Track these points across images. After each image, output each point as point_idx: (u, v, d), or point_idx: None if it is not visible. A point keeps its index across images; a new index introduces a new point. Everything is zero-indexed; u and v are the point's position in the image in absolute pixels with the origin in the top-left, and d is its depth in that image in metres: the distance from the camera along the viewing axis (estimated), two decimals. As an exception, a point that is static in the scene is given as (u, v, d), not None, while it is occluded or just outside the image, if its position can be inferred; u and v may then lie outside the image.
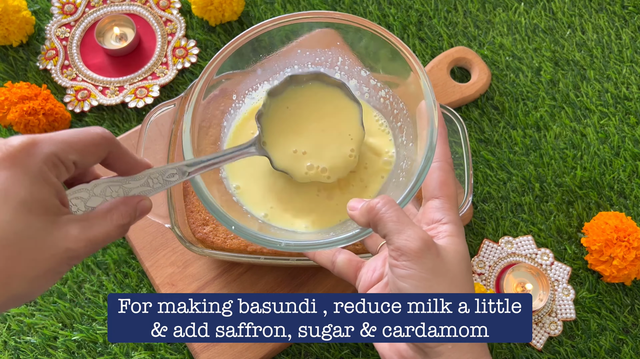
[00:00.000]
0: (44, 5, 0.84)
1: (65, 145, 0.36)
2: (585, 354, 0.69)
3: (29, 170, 0.34)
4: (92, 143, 0.38)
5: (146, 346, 0.68)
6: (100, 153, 0.39)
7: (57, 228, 0.35)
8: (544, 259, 0.72)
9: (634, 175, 0.77)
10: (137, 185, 0.42)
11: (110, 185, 0.40)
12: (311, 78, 0.51)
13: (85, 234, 0.37)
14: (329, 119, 0.51)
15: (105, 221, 0.38)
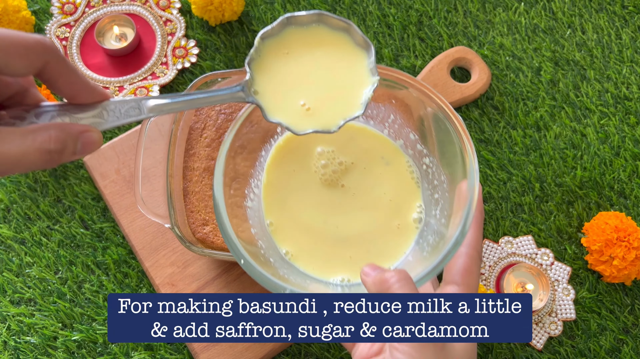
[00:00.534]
0: (43, 5, 0.84)
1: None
2: (586, 355, 0.69)
3: None
4: (23, 44, 0.32)
5: (146, 346, 0.68)
6: (32, 59, 0.32)
7: None
8: (544, 259, 0.72)
9: (634, 175, 0.77)
10: (89, 115, 0.35)
11: (57, 113, 0.34)
12: (313, 20, 0.44)
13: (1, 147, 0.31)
14: (334, 66, 0.45)
15: (25, 139, 0.31)
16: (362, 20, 0.84)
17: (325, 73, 0.45)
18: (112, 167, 0.73)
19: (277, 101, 0.44)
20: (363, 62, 0.45)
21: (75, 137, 0.33)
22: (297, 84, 0.44)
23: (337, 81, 0.45)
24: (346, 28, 0.45)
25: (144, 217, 0.71)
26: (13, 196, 0.74)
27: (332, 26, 0.44)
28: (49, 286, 0.70)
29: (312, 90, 0.44)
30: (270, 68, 0.43)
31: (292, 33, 0.44)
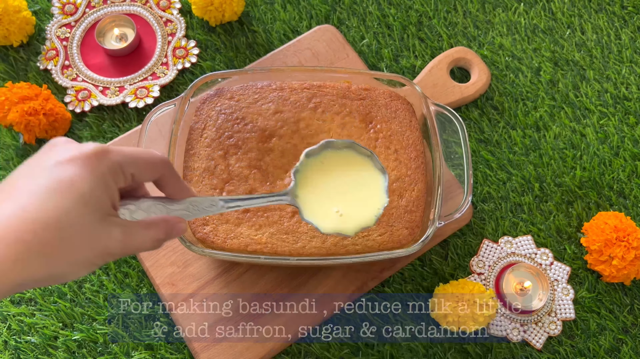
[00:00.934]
0: (44, 5, 0.84)
1: (129, 159, 0.42)
2: (585, 354, 0.69)
3: (95, 171, 0.40)
4: (151, 162, 0.44)
5: (146, 345, 0.68)
6: (155, 173, 0.44)
7: (103, 226, 0.40)
8: (544, 259, 0.72)
9: (634, 175, 0.77)
10: (179, 208, 0.47)
11: (155, 204, 0.46)
12: (345, 146, 0.56)
13: (125, 238, 0.41)
14: (357, 184, 0.56)
15: (144, 232, 0.43)
16: (362, 21, 0.84)
17: (351, 189, 0.56)
18: (112, 167, 0.73)
19: (311, 205, 0.55)
20: (381, 184, 0.56)
21: (173, 226, 0.45)
22: (328, 195, 0.55)
23: (359, 196, 0.56)
24: (369, 155, 0.56)
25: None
26: (14, 196, 0.74)
27: (359, 152, 0.56)
28: (50, 286, 0.70)
29: (338, 201, 0.56)
30: (309, 179, 0.55)
31: (329, 154, 0.56)
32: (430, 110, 0.66)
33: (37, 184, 0.38)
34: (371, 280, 0.70)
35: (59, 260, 0.38)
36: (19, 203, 0.38)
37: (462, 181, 0.66)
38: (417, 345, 0.69)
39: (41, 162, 0.40)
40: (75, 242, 0.39)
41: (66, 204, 0.38)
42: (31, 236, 0.37)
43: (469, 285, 0.66)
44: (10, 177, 0.40)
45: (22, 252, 0.37)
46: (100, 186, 0.40)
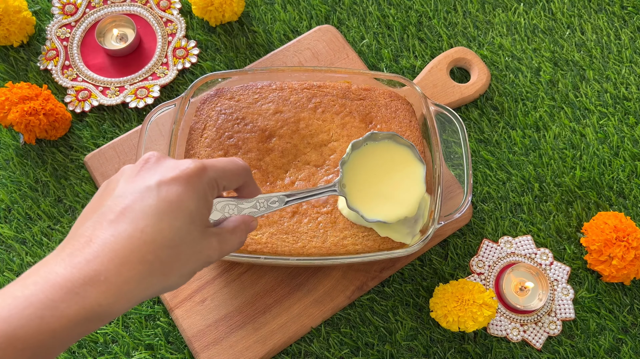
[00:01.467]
0: (44, 5, 0.84)
1: (222, 173, 0.46)
2: (585, 354, 0.69)
3: (198, 190, 0.43)
4: (237, 173, 0.47)
5: (147, 345, 0.68)
6: (240, 182, 0.48)
7: (205, 239, 0.44)
8: (544, 259, 0.72)
9: (633, 175, 0.77)
10: (248, 206, 0.51)
11: (228, 204, 0.50)
12: (386, 137, 0.60)
13: (220, 246, 0.45)
14: (398, 173, 0.61)
15: (232, 237, 0.47)
16: (362, 21, 0.84)
17: (392, 178, 0.60)
18: (112, 167, 0.73)
19: (356, 194, 0.59)
20: (420, 174, 0.61)
21: (249, 227, 0.49)
22: (371, 184, 0.60)
23: (400, 186, 0.60)
24: (409, 146, 0.60)
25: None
26: (14, 196, 0.74)
27: (399, 143, 0.60)
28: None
29: (381, 191, 0.60)
30: (353, 171, 0.60)
31: (370, 145, 0.60)
32: (430, 110, 0.67)
33: (148, 205, 0.41)
34: (371, 280, 0.70)
35: (173, 275, 0.42)
36: (136, 225, 0.40)
37: (462, 182, 0.66)
38: (417, 345, 0.69)
39: (144, 181, 0.42)
40: (185, 257, 0.42)
41: (177, 224, 0.41)
42: (152, 257, 0.40)
43: (468, 285, 0.66)
44: (114, 196, 0.42)
45: (145, 272, 0.40)
46: (202, 203, 0.43)
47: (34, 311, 0.36)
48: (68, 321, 0.37)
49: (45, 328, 0.36)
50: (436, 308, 0.66)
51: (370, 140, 0.60)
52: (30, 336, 0.36)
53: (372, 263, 0.70)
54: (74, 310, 0.37)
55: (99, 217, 0.41)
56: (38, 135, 0.74)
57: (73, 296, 0.37)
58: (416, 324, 0.69)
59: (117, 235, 0.39)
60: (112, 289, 0.38)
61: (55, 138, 0.76)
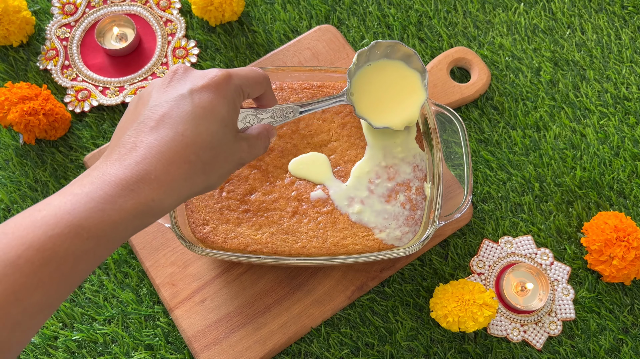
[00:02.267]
0: (44, 5, 0.84)
1: (246, 80, 0.49)
2: (585, 354, 0.69)
3: (227, 96, 0.46)
4: (259, 81, 0.50)
5: (146, 345, 0.68)
6: (262, 90, 0.52)
7: (237, 142, 0.48)
8: (544, 259, 0.72)
9: (634, 175, 0.77)
10: (266, 116, 0.55)
11: (248, 114, 0.54)
12: (390, 44, 0.64)
13: (250, 148, 0.50)
14: (400, 84, 0.65)
15: (258, 142, 0.52)
16: (362, 21, 0.84)
17: (396, 88, 0.65)
18: (112, 167, 0.73)
19: (363, 104, 0.64)
20: (420, 81, 0.65)
21: (271, 133, 0.54)
22: (377, 94, 0.65)
23: (403, 94, 0.65)
24: (411, 55, 0.64)
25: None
26: (14, 196, 0.74)
27: (403, 52, 0.64)
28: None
29: (386, 100, 0.65)
30: (361, 83, 0.64)
31: (376, 63, 0.65)
32: (430, 110, 0.66)
33: (185, 111, 0.44)
34: (371, 280, 0.70)
35: (213, 174, 0.46)
36: (176, 130, 0.43)
37: (462, 182, 0.66)
38: (417, 345, 0.69)
39: (177, 90, 0.45)
40: (223, 158, 0.46)
41: (214, 127, 0.45)
42: (195, 157, 0.44)
43: (469, 285, 0.66)
44: (150, 105, 0.45)
45: (189, 171, 0.43)
46: (232, 108, 0.47)
47: (96, 205, 0.39)
48: (127, 214, 0.40)
49: (107, 220, 0.39)
50: (436, 308, 0.66)
51: (384, 57, 0.64)
52: (95, 226, 0.39)
53: (372, 263, 0.70)
54: (131, 204, 0.40)
55: (140, 125, 0.44)
56: (38, 135, 0.74)
57: (129, 192, 0.41)
58: (416, 325, 0.69)
59: (160, 139, 0.43)
60: (162, 186, 0.42)
61: (55, 138, 0.76)
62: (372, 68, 0.65)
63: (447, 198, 0.72)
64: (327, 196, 0.64)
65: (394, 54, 0.64)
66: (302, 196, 0.64)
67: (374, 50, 0.64)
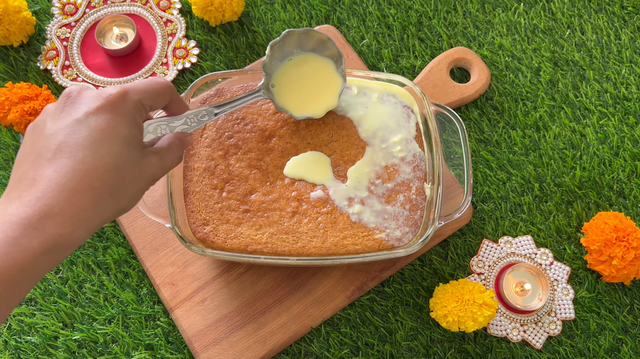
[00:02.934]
0: (44, 5, 0.84)
1: (146, 94, 0.47)
2: (585, 354, 0.69)
3: (125, 113, 0.45)
4: (161, 91, 0.48)
5: (147, 345, 0.68)
6: (166, 100, 0.50)
7: (144, 158, 0.46)
8: (544, 259, 0.72)
9: (633, 175, 0.77)
10: (179, 124, 0.53)
11: (159, 124, 0.51)
12: (303, 32, 0.64)
13: (161, 162, 0.48)
14: (317, 74, 0.65)
15: (169, 153, 0.50)
16: (362, 21, 0.84)
17: (314, 79, 0.66)
18: (112, 167, 0.73)
19: (284, 97, 0.65)
20: (334, 68, 0.66)
21: (185, 142, 0.53)
22: (297, 86, 0.65)
23: (321, 83, 0.66)
24: (325, 40, 0.64)
25: (145, 217, 0.71)
26: (14, 197, 0.74)
27: (317, 39, 0.64)
28: (50, 285, 0.70)
29: (305, 90, 0.65)
30: (283, 76, 0.65)
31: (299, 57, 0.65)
32: (430, 110, 0.67)
33: (82, 137, 0.43)
34: (371, 280, 0.70)
35: (123, 197, 0.44)
36: (76, 157, 0.42)
37: (462, 181, 0.66)
38: (417, 345, 0.69)
39: (71, 116, 0.44)
40: (130, 178, 0.45)
41: (116, 149, 0.43)
42: (99, 183, 0.42)
43: (468, 285, 0.66)
44: (46, 135, 0.43)
45: (96, 198, 0.42)
46: (132, 125, 0.45)
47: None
48: (34, 253, 0.39)
49: (12, 263, 0.38)
50: (436, 308, 0.66)
51: (299, 48, 0.65)
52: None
53: (372, 263, 0.70)
54: (37, 243, 0.39)
55: (37, 158, 0.42)
56: (38, 135, 0.74)
57: (32, 231, 0.39)
58: (416, 325, 0.69)
59: (60, 170, 0.41)
60: (68, 219, 0.40)
61: (55, 138, 0.76)
62: (293, 62, 0.65)
63: (447, 198, 0.72)
64: (327, 196, 0.64)
65: (308, 41, 0.64)
66: (302, 196, 0.64)
67: (287, 40, 0.63)
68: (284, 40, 0.63)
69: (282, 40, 0.63)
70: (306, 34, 0.63)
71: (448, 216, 0.64)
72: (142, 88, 0.47)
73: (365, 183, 0.65)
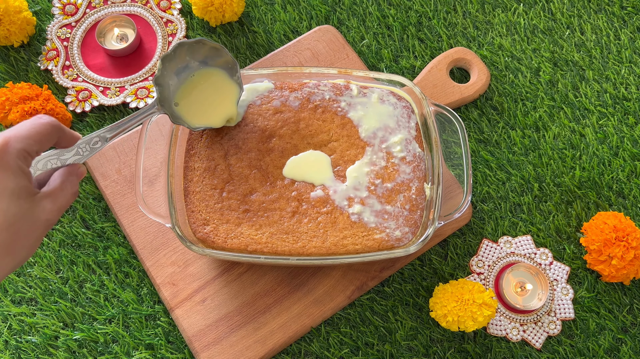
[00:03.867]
0: (45, 5, 0.85)
1: (30, 140, 0.45)
2: (584, 354, 0.69)
3: (8, 167, 0.43)
4: (45, 133, 0.46)
5: (147, 345, 0.68)
6: (53, 140, 0.48)
7: (37, 206, 0.45)
8: (543, 259, 0.72)
9: (633, 175, 0.77)
10: (70, 155, 0.51)
11: (49, 159, 0.50)
12: (195, 42, 0.63)
13: (56, 205, 0.47)
14: (215, 87, 0.65)
15: (64, 192, 0.48)
16: (362, 21, 0.84)
17: (212, 91, 0.65)
18: (113, 167, 0.74)
19: (188, 111, 0.64)
20: (228, 78, 0.65)
21: (78, 175, 0.50)
22: (200, 100, 0.64)
23: (218, 95, 0.65)
24: (218, 48, 0.63)
25: (145, 217, 0.71)
26: (14, 196, 0.74)
27: (210, 47, 0.63)
28: (50, 285, 0.71)
29: (208, 103, 0.65)
30: (185, 92, 0.64)
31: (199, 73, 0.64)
32: (429, 111, 0.67)
33: None
34: (371, 280, 0.70)
35: (19, 251, 0.44)
36: None
37: (462, 181, 0.66)
38: (417, 345, 0.69)
39: None
40: (25, 231, 0.44)
41: (3, 205, 0.43)
42: None
43: (468, 285, 0.66)
44: None
45: None
46: (19, 177, 0.44)
47: None
48: None
49: None
50: (436, 308, 0.66)
51: (192, 60, 0.64)
52: None
53: (372, 263, 0.70)
54: None
55: None
56: (38, 135, 0.74)
57: None
58: (416, 324, 0.69)
59: None
60: None
61: (56, 138, 0.76)
62: (195, 78, 0.64)
63: (446, 198, 0.72)
64: (327, 196, 0.65)
65: (200, 50, 0.63)
66: (302, 196, 0.65)
67: (179, 51, 0.62)
68: (175, 52, 0.62)
69: (173, 52, 0.62)
70: (198, 43, 0.62)
71: (448, 216, 0.64)
72: (24, 134, 0.45)
73: (365, 183, 0.65)
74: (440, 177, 0.64)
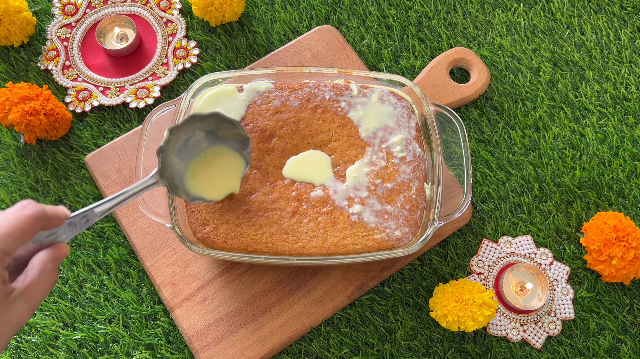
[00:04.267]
0: (45, 5, 0.85)
1: (9, 239, 0.41)
2: (584, 354, 0.69)
3: None
4: (30, 227, 0.43)
5: (147, 345, 0.68)
6: (36, 232, 0.43)
7: (9, 309, 0.42)
8: (543, 259, 0.72)
9: (633, 175, 0.77)
10: (55, 235, 0.46)
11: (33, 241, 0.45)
12: (212, 114, 0.61)
13: (30, 304, 0.43)
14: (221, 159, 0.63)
15: (41, 287, 0.44)
16: (362, 21, 0.84)
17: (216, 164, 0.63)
18: (113, 167, 0.74)
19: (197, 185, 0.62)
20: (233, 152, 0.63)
21: (58, 257, 0.45)
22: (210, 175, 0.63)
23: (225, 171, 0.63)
24: (233, 122, 0.61)
25: (145, 217, 0.71)
26: (15, 197, 0.74)
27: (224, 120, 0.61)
28: None
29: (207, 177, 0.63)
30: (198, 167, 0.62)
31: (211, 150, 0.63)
32: (429, 111, 0.67)
33: None
34: (371, 280, 0.70)
35: None
36: None
37: (462, 181, 0.66)
38: (417, 344, 0.69)
39: None
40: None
41: None
42: None
43: (468, 285, 0.66)
44: None
45: None
46: None
47: None
48: None
49: None
50: (436, 308, 0.66)
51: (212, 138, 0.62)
52: None
53: (372, 263, 0.70)
54: None
55: None
56: (38, 135, 0.74)
57: None
58: (416, 324, 0.69)
59: None
60: None
61: (56, 138, 0.76)
62: (206, 155, 0.62)
63: (446, 198, 0.72)
64: (327, 196, 0.65)
65: (212, 120, 0.61)
66: (302, 196, 0.65)
67: (192, 124, 0.60)
68: (187, 124, 0.60)
69: (184, 124, 0.59)
70: (211, 117, 0.60)
71: (448, 216, 0.64)
72: (4, 233, 0.41)
73: (365, 183, 0.65)
74: (440, 177, 0.64)
